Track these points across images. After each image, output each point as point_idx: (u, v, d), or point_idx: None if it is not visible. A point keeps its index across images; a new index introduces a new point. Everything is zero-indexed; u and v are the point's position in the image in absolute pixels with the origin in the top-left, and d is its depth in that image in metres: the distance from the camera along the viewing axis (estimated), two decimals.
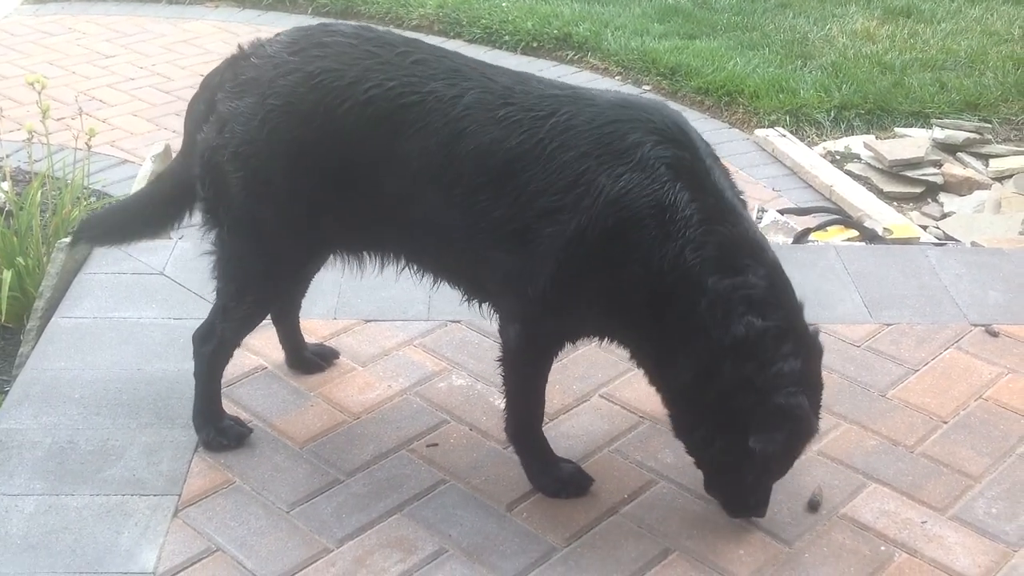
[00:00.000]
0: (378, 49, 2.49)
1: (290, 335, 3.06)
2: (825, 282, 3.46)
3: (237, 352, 3.07)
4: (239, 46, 2.62)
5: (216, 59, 7.74)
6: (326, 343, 3.16)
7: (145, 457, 2.72)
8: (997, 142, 5.23)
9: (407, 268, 2.71)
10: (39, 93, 3.93)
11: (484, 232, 2.44)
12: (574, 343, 2.68)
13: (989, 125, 5.35)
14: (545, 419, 2.84)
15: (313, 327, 3.22)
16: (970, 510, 2.60)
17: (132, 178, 4.23)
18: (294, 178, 2.49)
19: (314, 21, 7.29)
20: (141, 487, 2.62)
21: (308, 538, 2.50)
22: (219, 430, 2.76)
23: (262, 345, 3.13)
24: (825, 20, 6.78)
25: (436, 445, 2.79)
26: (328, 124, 2.44)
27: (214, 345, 2.74)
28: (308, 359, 3.07)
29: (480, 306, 2.67)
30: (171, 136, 5.52)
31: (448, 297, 3.20)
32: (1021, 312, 3.34)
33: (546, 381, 2.63)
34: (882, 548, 2.49)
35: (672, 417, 2.52)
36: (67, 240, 3.47)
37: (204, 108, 2.58)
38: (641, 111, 2.40)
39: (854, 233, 4.22)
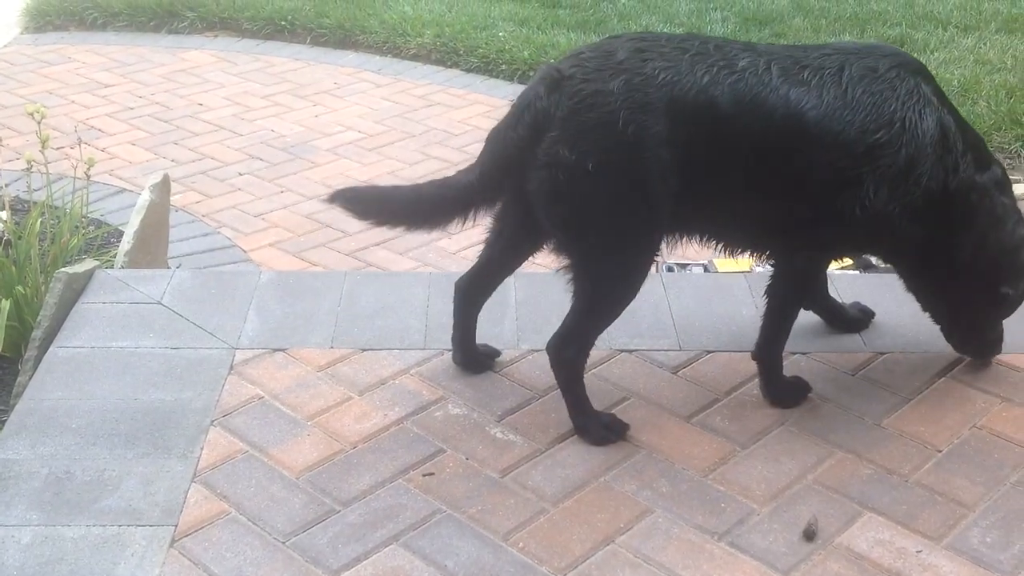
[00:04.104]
0: (682, 44, 2.78)
1: (470, 329, 3.19)
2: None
3: (234, 381, 3.10)
4: (555, 69, 2.75)
5: (215, 88, 7.82)
6: (323, 372, 3.17)
7: (142, 487, 2.72)
8: None
9: (696, 242, 3.02)
10: (38, 123, 3.96)
11: (813, 180, 2.82)
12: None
13: None
14: (540, 449, 2.87)
15: (309, 356, 3.24)
16: (965, 539, 2.61)
17: (131, 207, 4.24)
18: (659, 171, 2.71)
19: (312, 50, 7.39)
20: (137, 517, 2.63)
21: (304, 569, 2.50)
22: (604, 426, 2.92)
23: (259, 375, 3.14)
24: None
25: (432, 474, 2.80)
26: (683, 113, 2.70)
27: (575, 349, 2.91)
28: (479, 358, 3.21)
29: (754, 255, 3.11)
30: (170, 165, 5.57)
31: (444, 326, 3.23)
32: (1014, 340, 3.34)
33: None
34: None
35: (938, 297, 3.12)
36: (65, 270, 3.49)
37: (527, 133, 2.73)
38: (898, 57, 2.91)
39: (848, 262, 4.24)
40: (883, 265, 4.19)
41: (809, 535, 2.61)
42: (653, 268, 2.92)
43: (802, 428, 2.98)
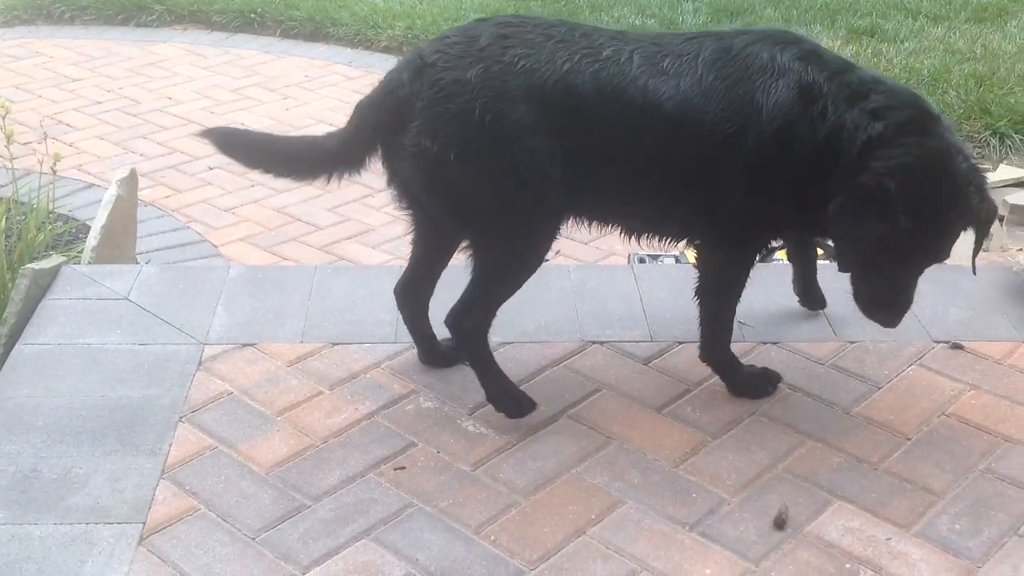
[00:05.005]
0: (548, 31, 2.75)
1: (423, 329, 3.16)
2: (790, 300, 3.48)
3: (202, 377, 3.08)
4: (419, 54, 2.72)
5: (184, 81, 7.74)
6: (293, 367, 3.15)
7: (109, 485, 2.70)
8: None
9: (601, 227, 2.97)
10: (3, 118, 3.92)
11: (679, 172, 2.77)
12: (768, 247, 3.12)
13: None
14: (511, 442, 2.86)
15: (279, 350, 3.22)
16: (934, 526, 2.62)
17: (98, 202, 4.21)
18: (526, 158, 2.68)
19: (282, 43, 7.35)
20: (105, 515, 2.60)
21: (274, 565, 2.49)
22: (515, 400, 2.93)
23: (228, 370, 3.12)
24: None
25: (403, 468, 2.79)
26: (542, 101, 2.66)
27: (474, 320, 2.88)
28: (443, 352, 3.17)
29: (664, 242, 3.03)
30: (138, 159, 5.52)
31: None
32: (982, 328, 3.38)
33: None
34: (847, 566, 2.51)
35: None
36: (31, 266, 3.45)
37: (390, 120, 2.72)
38: (757, 35, 2.81)
39: (818, 252, 4.25)
40: None
41: (779, 524, 2.62)
42: (625, 260, 2.92)
43: (772, 418, 2.98)
